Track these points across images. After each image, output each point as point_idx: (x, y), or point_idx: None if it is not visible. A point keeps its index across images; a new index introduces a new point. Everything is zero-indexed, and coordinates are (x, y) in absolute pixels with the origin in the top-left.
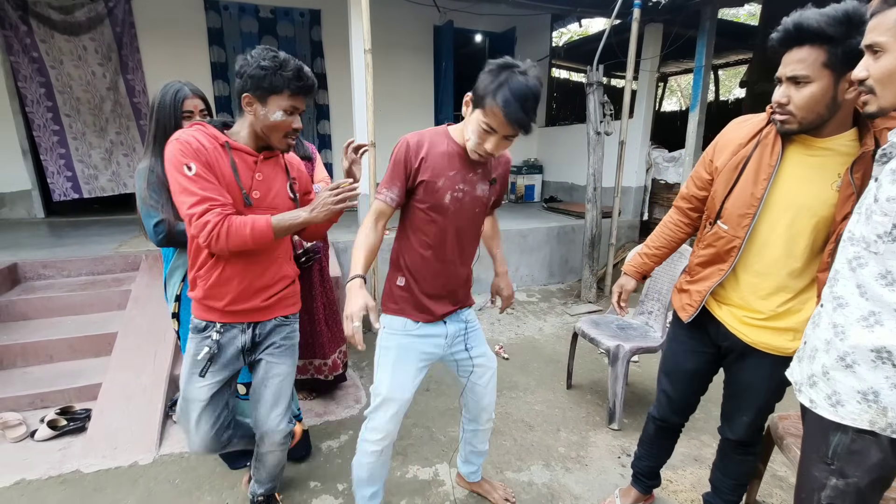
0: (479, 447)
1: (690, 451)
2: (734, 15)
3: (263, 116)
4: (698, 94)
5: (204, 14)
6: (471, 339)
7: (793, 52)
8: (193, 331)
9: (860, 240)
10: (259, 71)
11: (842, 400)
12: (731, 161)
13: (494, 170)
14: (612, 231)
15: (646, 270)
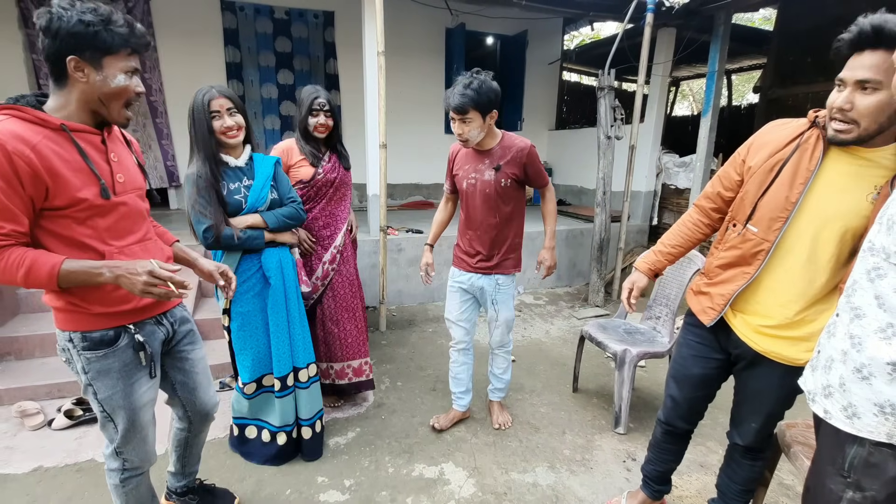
0: (497, 371)
1: (696, 458)
2: (749, 19)
3: (101, 82)
4: (710, 100)
5: (220, 14)
6: (499, 295)
7: (864, 55)
8: (94, 345)
9: (880, 250)
10: (82, 27)
11: (858, 412)
12: (767, 163)
13: (501, 159)
14: (621, 235)
15: (658, 268)
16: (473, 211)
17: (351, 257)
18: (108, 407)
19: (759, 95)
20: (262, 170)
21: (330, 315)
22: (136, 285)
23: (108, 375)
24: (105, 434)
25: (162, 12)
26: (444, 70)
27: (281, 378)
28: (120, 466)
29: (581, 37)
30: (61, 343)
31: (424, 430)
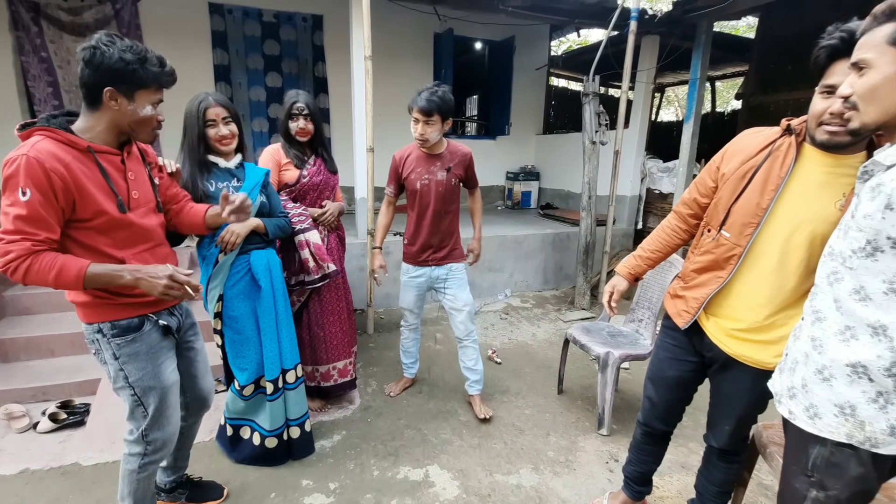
0: (468, 363)
1: (677, 458)
2: (732, 27)
3: (132, 112)
4: (693, 106)
5: (208, 17)
6: (449, 283)
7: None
8: (123, 332)
9: (838, 255)
10: (122, 64)
11: (819, 412)
12: (739, 169)
13: (450, 162)
14: (607, 239)
15: (638, 272)
16: (426, 208)
17: (337, 260)
18: (139, 389)
19: (742, 102)
20: (252, 175)
21: (316, 319)
22: (157, 287)
23: (137, 358)
24: (132, 421)
25: (150, 14)
26: (433, 74)
27: (273, 381)
28: (142, 451)
29: (568, 43)
30: (89, 335)
31: (410, 433)
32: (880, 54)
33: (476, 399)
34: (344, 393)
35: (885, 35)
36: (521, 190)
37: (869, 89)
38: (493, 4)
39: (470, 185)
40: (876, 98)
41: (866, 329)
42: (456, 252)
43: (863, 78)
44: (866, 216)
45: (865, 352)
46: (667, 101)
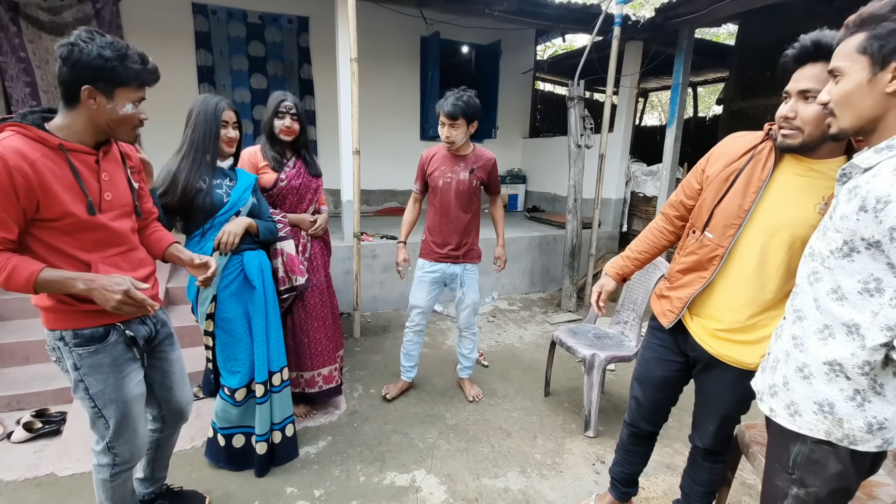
0: (465, 352)
1: (663, 459)
2: (713, 34)
3: (111, 110)
4: (675, 111)
5: (192, 17)
6: (463, 281)
7: (806, 68)
8: (86, 342)
9: (818, 255)
10: (101, 61)
11: (800, 410)
12: (723, 172)
13: (474, 164)
14: (592, 241)
15: (626, 273)
16: (447, 206)
17: (321, 266)
18: (99, 402)
19: (723, 107)
20: (244, 177)
21: (300, 325)
22: (110, 301)
23: (99, 370)
24: (95, 431)
25: (132, 14)
26: (420, 77)
27: (262, 383)
28: (110, 462)
29: (554, 47)
30: (51, 342)
31: (397, 438)
32: (852, 62)
33: (466, 382)
34: (329, 399)
35: (856, 44)
36: (508, 193)
37: (842, 96)
38: (479, 8)
39: (492, 191)
40: (849, 104)
41: (842, 328)
42: (473, 252)
43: (837, 85)
44: (843, 217)
45: (841, 350)
46: (650, 105)
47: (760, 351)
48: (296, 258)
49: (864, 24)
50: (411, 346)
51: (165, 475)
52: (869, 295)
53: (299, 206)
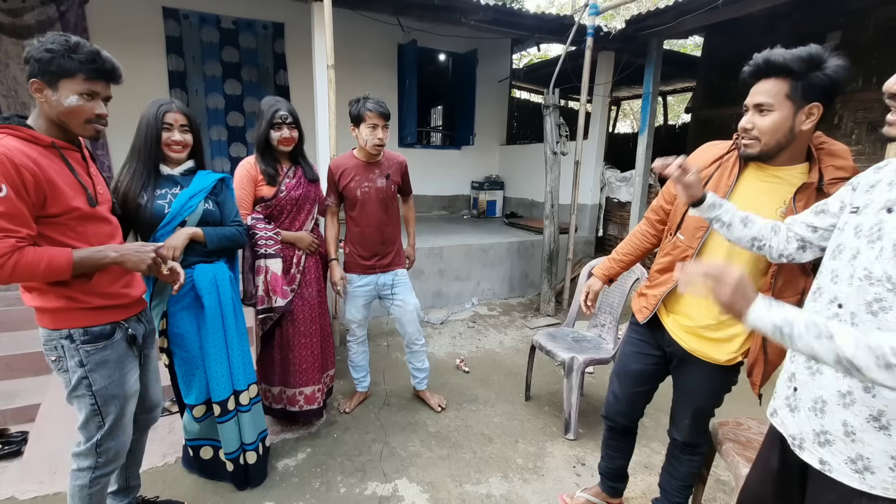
0: (418, 364)
1: (641, 459)
2: (681, 45)
3: (56, 102)
4: (646, 119)
5: (162, 22)
6: (396, 288)
7: (760, 83)
8: (95, 338)
9: (883, 280)
10: (45, 54)
11: (871, 466)
12: None
13: (388, 169)
14: (570, 246)
15: (612, 274)
16: (369, 216)
17: (314, 280)
18: (101, 398)
19: (691, 116)
20: (198, 182)
21: (287, 340)
22: (145, 261)
23: (105, 366)
24: (84, 432)
25: (98, 17)
26: (397, 84)
27: (221, 402)
28: (93, 464)
29: (529, 56)
30: (53, 342)
31: (378, 447)
32: None
33: (426, 393)
34: (309, 421)
35: None
36: (486, 199)
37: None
38: (456, 17)
39: (405, 193)
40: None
41: None
42: (400, 257)
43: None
44: None
45: None
46: (623, 113)
47: (731, 348)
48: (280, 279)
49: None
50: (358, 357)
51: (139, 484)
52: None
53: (297, 217)
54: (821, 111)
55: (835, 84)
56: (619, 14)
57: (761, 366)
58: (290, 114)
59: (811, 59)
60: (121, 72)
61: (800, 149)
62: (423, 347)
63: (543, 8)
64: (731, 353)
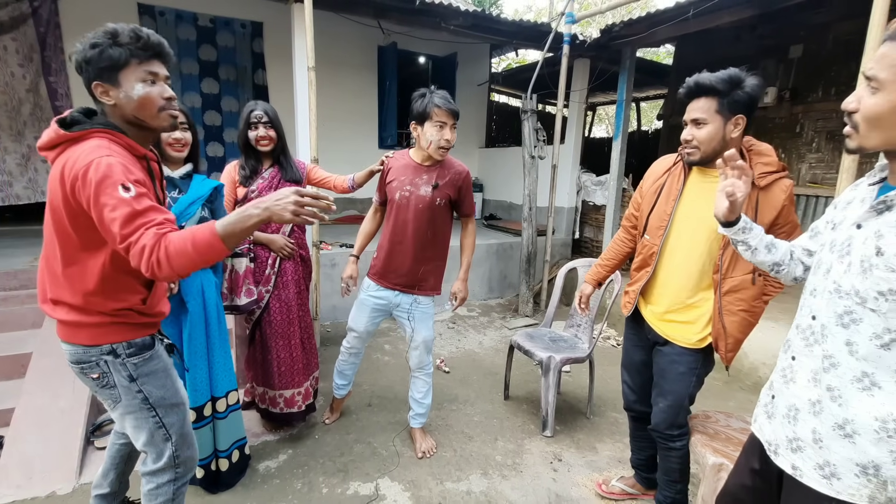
0: (416, 395)
1: (615, 454)
2: (655, 53)
3: (125, 98)
4: (620, 125)
5: (137, 18)
6: (413, 315)
7: (694, 101)
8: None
9: (852, 294)
10: (92, 50)
11: (838, 472)
12: (652, 187)
13: (441, 178)
14: (547, 248)
15: (599, 278)
16: (402, 224)
17: (292, 281)
18: (161, 409)
19: (663, 122)
20: (196, 188)
21: (265, 341)
22: (288, 208)
23: (157, 376)
24: (152, 448)
25: (72, 13)
26: (377, 86)
27: (197, 409)
28: (173, 477)
29: (508, 61)
30: (94, 358)
31: (360, 448)
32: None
33: (417, 433)
34: (290, 423)
35: None
36: None
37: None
38: (436, 22)
39: (462, 212)
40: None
41: (893, 374)
42: (428, 284)
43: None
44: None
45: (893, 402)
46: (598, 118)
47: (695, 329)
48: (241, 278)
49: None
50: (346, 366)
51: (128, 487)
52: None
53: None
54: (745, 121)
55: (753, 99)
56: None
57: (723, 338)
58: (266, 113)
59: (732, 80)
60: (168, 47)
61: None
62: (426, 377)
63: (521, 13)
64: (699, 334)
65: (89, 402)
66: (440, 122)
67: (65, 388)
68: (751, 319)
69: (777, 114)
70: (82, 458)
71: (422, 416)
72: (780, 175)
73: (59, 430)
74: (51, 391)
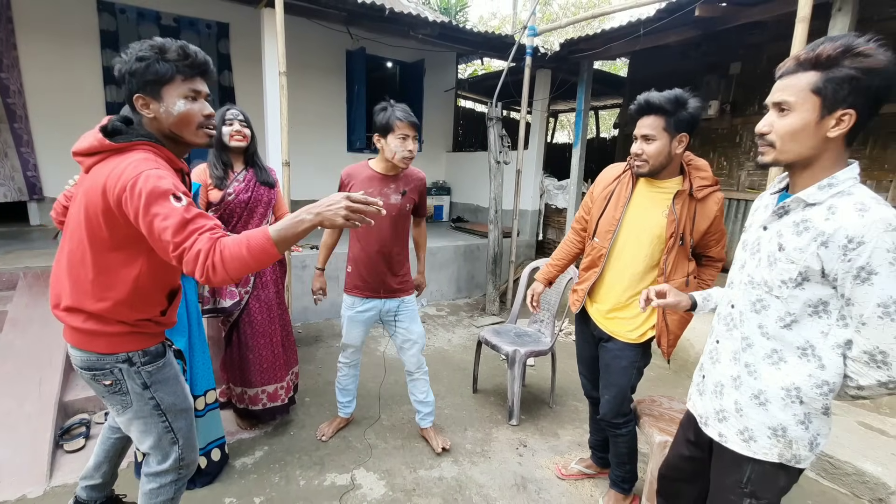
0: (419, 396)
1: (575, 438)
2: (613, 65)
3: (166, 112)
4: (579, 133)
5: (96, 16)
6: (402, 316)
7: (644, 119)
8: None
9: (762, 285)
10: (139, 63)
11: (754, 436)
12: (602, 193)
13: (406, 185)
14: (512, 249)
15: (551, 277)
16: (374, 234)
17: (271, 282)
18: (171, 415)
19: (618, 130)
20: None
21: (245, 341)
22: (340, 213)
23: (168, 383)
24: (157, 451)
25: (25, 8)
26: (346, 90)
27: None
28: (176, 478)
29: (475, 67)
30: (109, 366)
31: (335, 442)
32: (803, 100)
33: (430, 432)
34: (273, 418)
35: (809, 82)
36: (434, 204)
37: (789, 132)
38: (405, 31)
39: (419, 214)
40: (794, 140)
41: (794, 351)
42: (408, 283)
43: (783, 119)
44: (798, 250)
45: (796, 373)
46: (560, 125)
47: (634, 325)
48: None
49: (819, 65)
50: (347, 380)
51: (117, 476)
52: (818, 317)
53: (250, 221)
54: (688, 139)
55: (695, 119)
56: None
57: (666, 335)
58: (242, 113)
59: (678, 101)
60: (212, 65)
61: (675, 166)
62: (425, 375)
63: (486, 19)
64: (640, 330)
65: (56, 406)
66: (403, 134)
67: (30, 393)
68: (686, 317)
69: (719, 125)
70: (52, 461)
71: (430, 414)
72: (714, 189)
73: (27, 435)
74: (16, 396)
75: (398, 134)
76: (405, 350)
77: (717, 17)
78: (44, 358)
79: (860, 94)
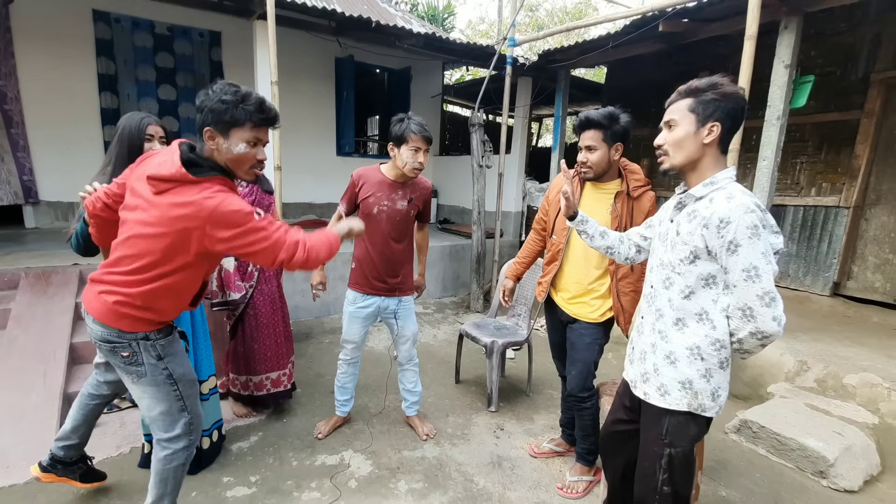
0: (408, 385)
1: (548, 423)
2: (593, 72)
3: (227, 149)
4: (558, 138)
5: (92, 25)
6: (400, 314)
7: (586, 132)
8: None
9: (668, 265)
10: (220, 105)
11: (668, 390)
12: (556, 197)
13: (413, 192)
14: (496, 250)
15: (518, 273)
16: (380, 235)
17: (273, 276)
18: (181, 384)
19: None
20: None
21: (250, 333)
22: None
23: (177, 356)
24: (168, 417)
25: (24, 15)
26: (335, 95)
27: None
28: (187, 443)
29: (461, 73)
30: (128, 343)
31: None
32: (683, 117)
33: (415, 420)
34: (276, 402)
35: (687, 105)
36: None
37: (676, 141)
38: (391, 41)
39: (423, 220)
40: (680, 148)
41: (693, 317)
42: (408, 283)
43: (671, 133)
44: (689, 233)
45: (696, 335)
46: (546, 129)
47: (593, 307)
48: (233, 274)
49: (690, 94)
50: (346, 378)
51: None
52: (709, 287)
53: None
54: (622, 147)
55: (626, 131)
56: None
57: (622, 314)
58: None
59: (611, 116)
60: (279, 119)
61: (615, 171)
62: (415, 367)
63: (474, 24)
64: (599, 311)
65: (61, 397)
66: (416, 146)
67: (36, 385)
68: (636, 297)
69: None
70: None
71: (416, 403)
72: (646, 188)
73: (34, 423)
74: (22, 389)
75: (411, 146)
76: (400, 344)
77: (679, 31)
78: (48, 352)
79: (721, 111)
